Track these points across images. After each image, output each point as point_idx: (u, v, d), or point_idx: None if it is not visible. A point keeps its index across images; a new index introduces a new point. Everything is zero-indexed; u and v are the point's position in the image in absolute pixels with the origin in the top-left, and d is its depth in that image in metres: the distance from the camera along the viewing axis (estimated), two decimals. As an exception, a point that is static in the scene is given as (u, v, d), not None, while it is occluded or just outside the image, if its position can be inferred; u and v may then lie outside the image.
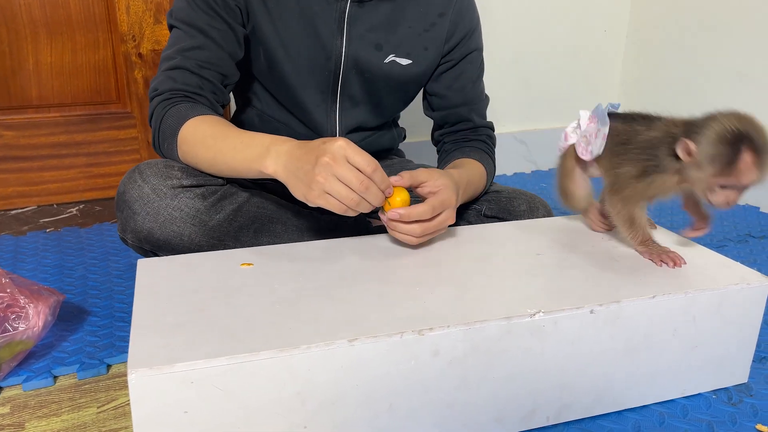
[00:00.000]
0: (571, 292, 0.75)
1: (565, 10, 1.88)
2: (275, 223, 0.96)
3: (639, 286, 0.77)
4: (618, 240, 0.91)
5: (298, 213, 0.99)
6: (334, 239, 0.89)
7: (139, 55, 1.47)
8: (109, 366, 0.89)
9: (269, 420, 0.63)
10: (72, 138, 1.48)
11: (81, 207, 1.50)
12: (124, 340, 0.94)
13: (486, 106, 1.13)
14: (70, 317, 1.00)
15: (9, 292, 0.85)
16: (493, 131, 1.13)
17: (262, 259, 0.82)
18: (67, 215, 1.46)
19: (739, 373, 0.85)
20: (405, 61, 1.02)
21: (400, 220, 0.81)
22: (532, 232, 0.94)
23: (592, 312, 0.72)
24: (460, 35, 1.05)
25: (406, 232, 0.83)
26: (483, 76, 1.12)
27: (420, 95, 1.13)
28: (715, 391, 0.84)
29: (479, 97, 1.11)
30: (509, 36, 1.83)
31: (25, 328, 0.85)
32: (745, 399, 0.83)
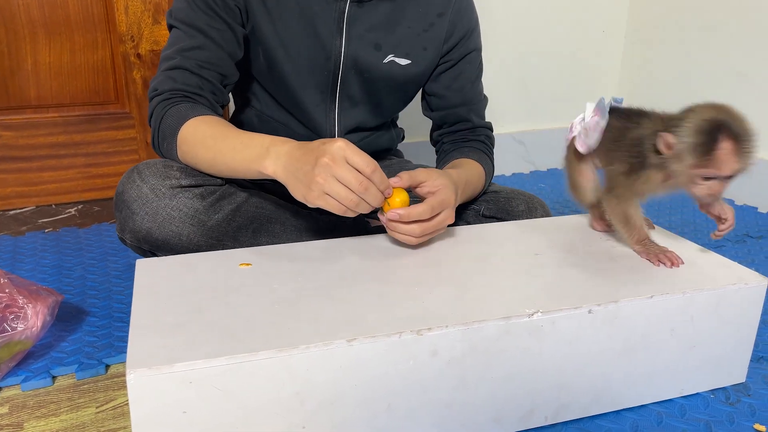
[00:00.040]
0: (570, 292, 0.75)
1: (563, 11, 1.89)
2: (274, 224, 0.96)
3: (637, 286, 0.77)
4: (616, 240, 0.91)
5: (297, 213, 0.99)
6: (333, 239, 0.90)
7: (138, 55, 1.47)
8: (107, 366, 0.89)
9: (268, 420, 0.63)
10: (70, 138, 1.47)
11: (79, 207, 1.50)
12: (122, 341, 0.94)
13: (485, 107, 1.13)
14: (69, 317, 1.00)
15: (8, 292, 0.85)
16: (491, 131, 1.13)
17: (260, 259, 0.82)
18: (66, 215, 1.46)
19: (737, 373, 0.85)
20: (404, 61, 1.02)
21: (400, 220, 0.81)
22: (531, 233, 0.94)
23: (590, 312, 0.72)
24: (459, 35, 1.05)
25: (405, 232, 0.83)
26: (482, 77, 1.12)
27: (419, 95, 1.14)
28: (713, 391, 0.85)
29: (478, 98, 1.11)
30: (508, 36, 1.84)
31: (23, 328, 0.85)
32: (742, 398, 0.83)
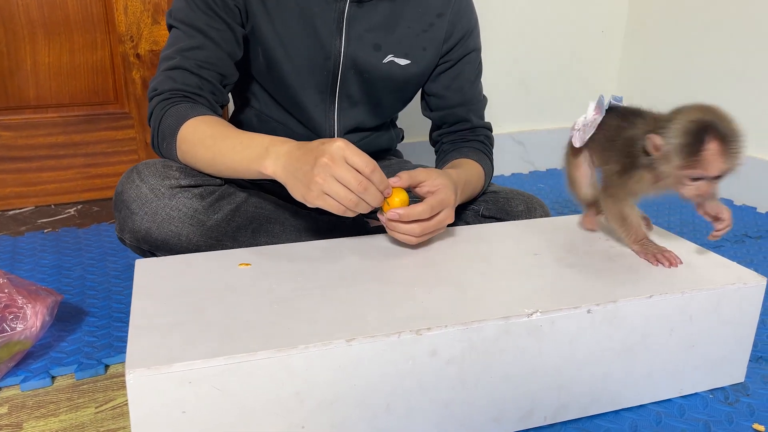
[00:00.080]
0: (569, 291, 0.75)
1: (563, 11, 1.89)
2: (273, 224, 0.96)
3: (636, 285, 0.77)
4: (615, 240, 0.92)
5: (296, 213, 0.99)
6: (332, 239, 0.90)
7: (137, 55, 1.47)
8: (107, 366, 0.89)
9: (267, 420, 0.63)
10: (70, 138, 1.47)
11: (79, 207, 1.50)
12: (122, 341, 0.94)
13: (484, 107, 1.13)
14: (68, 317, 1.00)
15: (7, 292, 0.85)
16: (491, 132, 1.13)
17: (260, 259, 0.82)
18: (65, 216, 1.46)
19: (736, 373, 0.85)
20: (403, 62, 1.02)
21: (399, 220, 0.81)
22: (530, 233, 0.94)
23: (589, 312, 0.72)
24: (459, 36, 1.05)
25: (405, 231, 0.83)
26: (481, 77, 1.12)
27: (418, 96, 1.14)
28: (712, 391, 0.85)
29: (477, 98, 1.11)
30: (508, 37, 1.84)
31: (23, 329, 0.85)
32: (741, 398, 0.83)
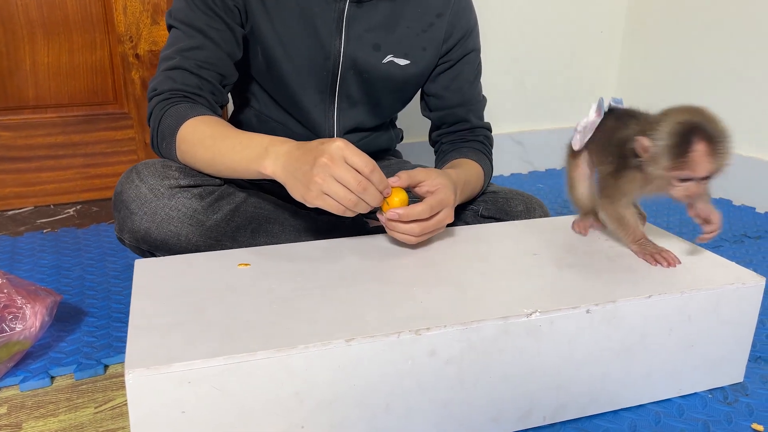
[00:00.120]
0: (568, 292, 0.75)
1: (562, 11, 1.89)
2: (273, 224, 0.96)
3: (635, 285, 0.77)
4: (614, 240, 0.92)
5: (296, 213, 0.99)
6: (331, 239, 0.90)
7: (137, 55, 1.47)
8: (106, 366, 0.89)
9: (267, 420, 0.63)
10: (69, 139, 1.47)
11: (78, 207, 1.50)
12: (121, 341, 0.94)
13: (483, 107, 1.13)
14: (68, 318, 1.00)
15: (6, 292, 0.85)
16: (490, 132, 1.13)
17: (259, 259, 0.82)
18: (64, 216, 1.46)
19: (735, 373, 0.85)
20: (403, 62, 1.02)
21: (399, 219, 0.81)
22: (529, 233, 0.94)
23: (588, 312, 0.72)
24: (458, 36, 1.05)
25: (404, 231, 0.83)
26: (480, 77, 1.12)
27: (418, 96, 1.14)
28: (710, 391, 0.85)
29: (477, 98, 1.11)
30: (506, 37, 1.84)
31: (22, 329, 0.85)
32: (740, 398, 0.83)
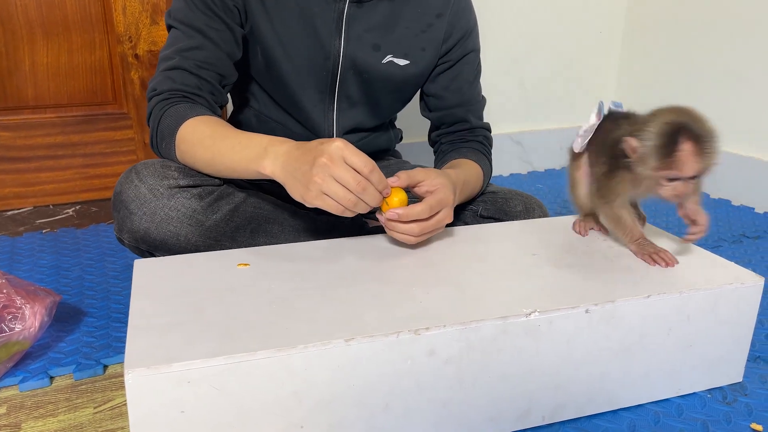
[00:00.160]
0: (567, 291, 0.75)
1: (561, 12, 1.89)
2: (272, 224, 0.96)
3: (634, 285, 0.77)
4: (613, 240, 0.92)
5: (295, 213, 0.99)
6: (331, 239, 0.90)
7: (136, 56, 1.47)
8: (105, 366, 0.89)
9: (266, 419, 0.63)
10: (68, 139, 1.47)
11: (77, 208, 1.50)
12: (120, 341, 0.94)
13: (483, 107, 1.13)
14: (67, 318, 1.00)
15: (5, 292, 0.85)
16: (489, 132, 1.13)
17: (258, 259, 0.82)
18: (64, 216, 1.46)
19: (734, 373, 0.86)
20: (402, 62, 1.02)
21: (399, 220, 0.81)
22: (528, 233, 0.94)
23: (587, 312, 0.72)
24: (458, 36, 1.05)
25: (404, 231, 0.83)
26: (480, 77, 1.12)
27: (417, 96, 1.14)
28: (709, 391, 0.85)
29: (476, 98, 1.11)
30: (506, 37, 1.84)
31: (21, 329, 0.85)
32: (739, 398, 0.83)
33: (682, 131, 0.74)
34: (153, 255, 0.90)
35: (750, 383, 0.87)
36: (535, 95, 1.94)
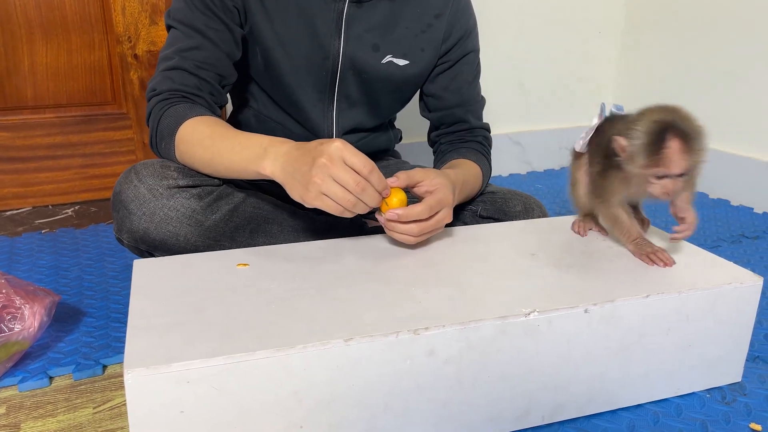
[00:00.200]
0: (566, 291, 0.75)
1: (559, 12, 1.89)
2: (271, 224, 0.96)
3: (633, 285, 0.77)
4: (612, 240, 0.92)
5: (295, 214, 0.99)
6: (330, 240, 0.90)
7: (135, 56, 1.47)
8: (105, 366, 0.89)
9: (265, 419, 0.63)
10: (67, 139, 1.47)
11: (76, 208, 1.50)
12: (120, 341, 0.94)
13: (482, 108, 1.13)
14: (66, 318, 1.00)
15: (4, 292, 0.85)
16: (489, 132, 1.13)
17: (258, 259, 0.82)
18: (63, 216, 1.46)
19: (733, 372, 0.86)
20: (402, 62, 1.02)
21: (398, 220, 0.81)
22: (528, 233, 0.94)
23: (586, 311, 0.73)
24: (457, 36, 1.05)
25: (404, 231, 0.83)
26: (479, 78, 1.12)
27: (417, 96, 1.14)
28: (709, 390, 0.85)
29: (475, 99, 1.11)
30: (505, 37, 1.84)
31: (20, 329, 0.85)
32: (738, 398, 0.84)
33: (670, 129, 0.75)
34: (152, 255, 0.90)
35: (749, 383, 0.87)
36: (534, 95, 1.94)
